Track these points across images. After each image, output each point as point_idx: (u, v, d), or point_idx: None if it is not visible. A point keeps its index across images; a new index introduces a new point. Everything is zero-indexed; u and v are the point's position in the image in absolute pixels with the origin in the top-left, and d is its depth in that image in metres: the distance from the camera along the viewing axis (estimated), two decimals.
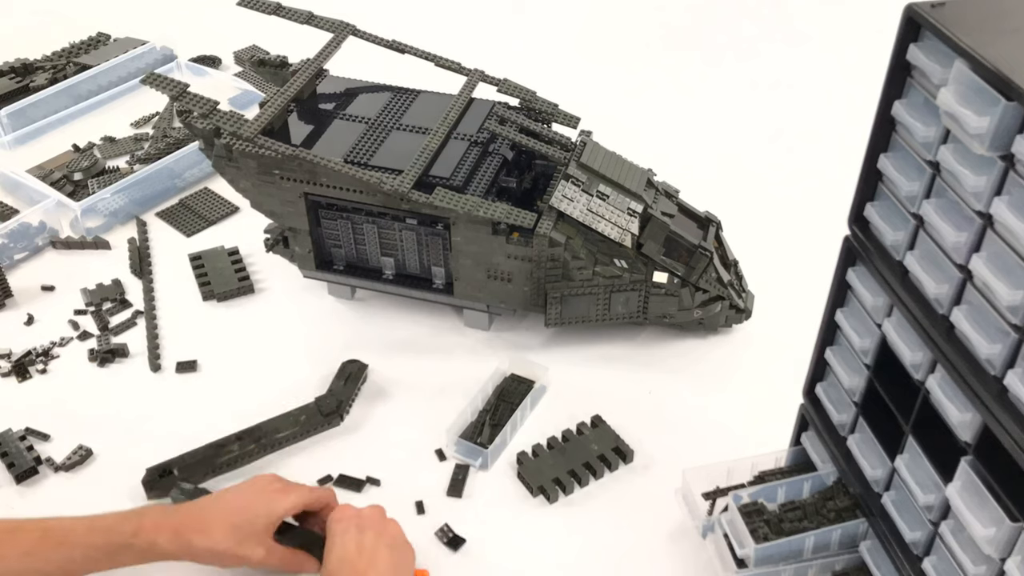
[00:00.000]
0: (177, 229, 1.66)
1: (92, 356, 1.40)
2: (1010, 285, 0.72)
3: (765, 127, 1.88)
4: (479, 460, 1.23)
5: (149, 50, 2.05)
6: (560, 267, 1.31)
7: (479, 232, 1.30)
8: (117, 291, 1.52)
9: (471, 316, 1.44)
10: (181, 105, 1.32)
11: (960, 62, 0.73)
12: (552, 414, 1.31)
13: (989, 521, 0.77)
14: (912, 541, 0.90)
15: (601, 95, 1.94)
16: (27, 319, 1.47)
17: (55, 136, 1.86)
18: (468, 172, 1.34)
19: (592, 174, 1.34)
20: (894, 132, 0.86)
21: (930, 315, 0.82)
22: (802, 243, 1.50)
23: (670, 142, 1.80)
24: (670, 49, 2.17)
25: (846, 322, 0.97)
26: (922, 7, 0.77)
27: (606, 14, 2.30)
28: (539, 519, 1.18)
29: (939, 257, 0.81)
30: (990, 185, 0.73)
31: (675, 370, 1.38)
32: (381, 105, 1.45)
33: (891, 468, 0.92)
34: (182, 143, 1.76)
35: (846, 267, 0.96)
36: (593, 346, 1.41)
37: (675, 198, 1.40)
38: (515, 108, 1.46)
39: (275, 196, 1.37)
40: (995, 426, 0.75)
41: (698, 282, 1.34)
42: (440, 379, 1.36)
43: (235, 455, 1.23)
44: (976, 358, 0.77)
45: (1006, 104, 0.68)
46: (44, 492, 1.22)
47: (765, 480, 1.13)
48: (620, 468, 1.24)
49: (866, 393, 0.96)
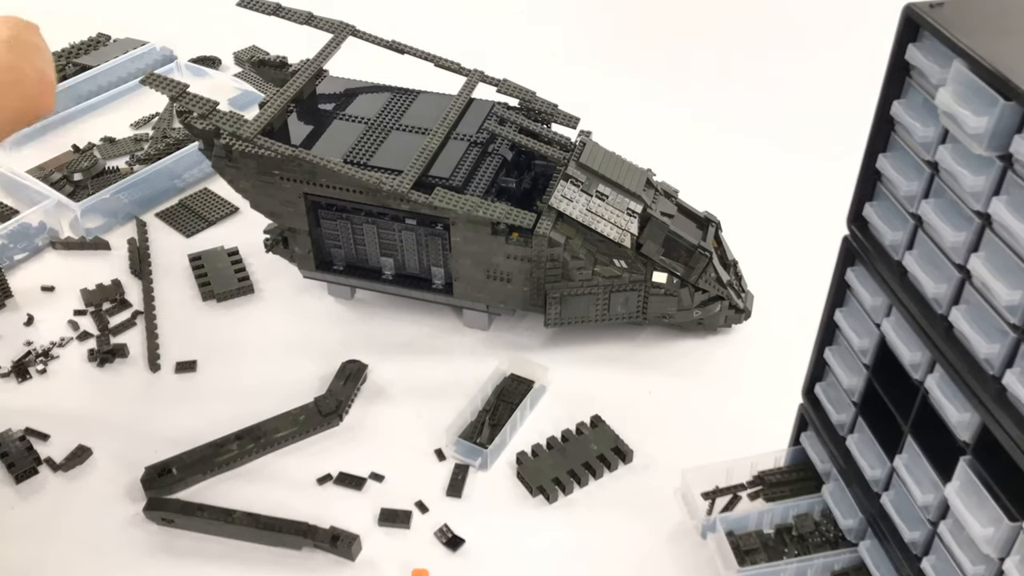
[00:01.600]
0: (177, 229, 1.66)
1: (92, 356, 1.40)
2: (1008, 285, 0.72)
3: (764, 127, 1.88)
4: (479, 460, 1.23)
5: (149, 51, 2.05)
6: (560, 267, 1.31)
7: (479, 232, 1.30)
8: (117, 292, 1.52)
9: (471, 316, 1.44)
10: (181, 106, 1.32)
11: (959, 62, 0.73)
12: (552, 414, 1.31)
13: (988, 521, 0.77)
14: (911, 541, 0.91)
15: (601, 95, 1.94)
16: (27, 319, 1.47)
17: (55, 136, 1.86)
18: (468, 172, 1.34)
19: (591, 174, 1.34)
20: (893, 132, 0.86)
21: (929, 315, 0.82)
22: (801, 243, 1.50)
23: (670, 142, 1.80)
24: (670, 49, 2.17)
25: (845, 322, 0.97)
26: (921, 7, 0.77)
27: (606, 14, 2.30)
28: (539, 519, 1.18)
29: (938, 257, 0.81)
30: (988, 185, 0.73)
31: (674, 370, 1.38)
32: (381, 105, 1.45)
33: (890, 468, 0.92)
34: (182, 143, 1.76)
35: (845, 267, 0.96)
36: (593, 346, 1.41)
37: (674, 198, 1.40)
38: (515, 108, 1.46)
39: (275, 196, 1.37)
40: (994, 426, 0.75)
41: (697, 282, 1.34)
42: (440, 379, 1.36)
43: (234, 454, 1.23)
44: (975, 358, 0.77)
45: (1004, 104, 0.68)
46: (44, 492, 1.22)
47: (765, 480, 1.13)
48: (620, 468, 1.24)
49: (865, 393, 0.96)
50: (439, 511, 1.19)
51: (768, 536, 1.08)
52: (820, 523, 1.07)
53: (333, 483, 1.22)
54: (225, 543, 1.15)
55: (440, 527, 1.16)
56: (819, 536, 1.06)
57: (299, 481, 1.23)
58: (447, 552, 1.14)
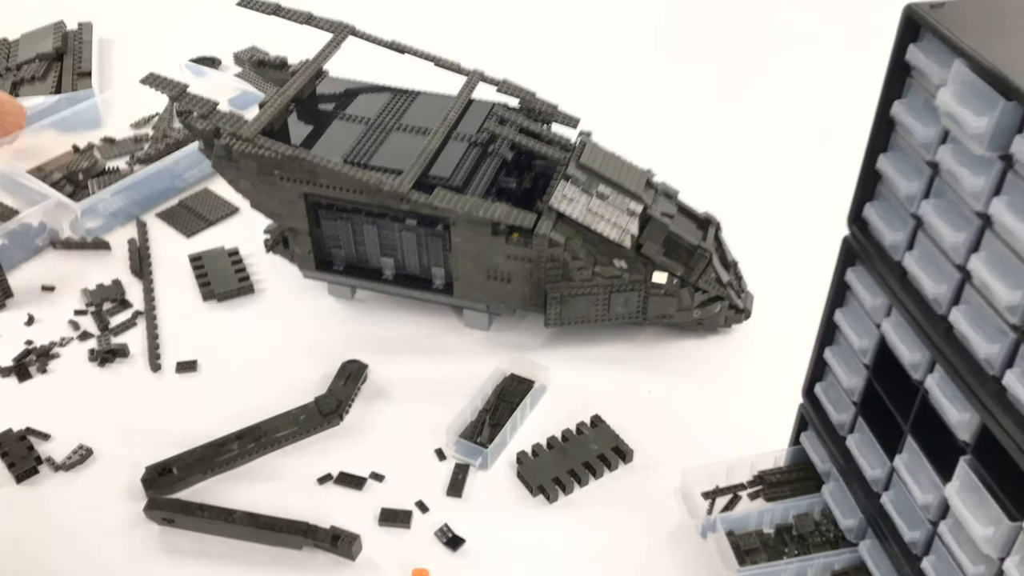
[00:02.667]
0: (177, 230, 1.66)
1: (92, 356, 1.41)
2: (1009, 285, 0.72)
3: (765, 127, 1.88)
4: (479, 460, 1.23)
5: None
6: (560, 267, 1.31)
7: (479, 232, 1.30)
8: (117, 291, 1.52)
9: (471, 316, 1.44)
10: (181, 106, 1.32)
11: (959, 62, 0.73)
12: (552, 414, 1.31)
13: (988, 521, 0.77)
14: (911, 541, 0.91)
15: (601, 96, 1.93)
16: (27, 319, 1.47)
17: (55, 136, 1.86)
18: (468, 173, 1.34)
19: (592, 174, 1.34)
20: (893, 132, 0.86)
21: (929, 315, 0.83)
22: (801, 243, 1.50)
23: (670, 142, 1.80)
24: (670, 49, 2.17)
25: (845, 322, 0.97)
26: (921, 7, 0.77)
27: (606, 14, 2.30)
28: (539, 519, 1.18)
29: (938, 257, 0.81)
30: (989, 185, 0.73)
31: (675, 370, 1.38)
32: (381, 106, 1.45)
33: (890, 468, 0.92)
34: (182, 144, 1.76)
35: (845, 267, 0.96)
36: (593, 346, 1.41)
37: (675, 198, 1.40)
38: (515, 109, 1.46)
39: (275, 196, 1.37)
40: (994, 426, 0.75)
41: (697, 282, 1.34)
42: (440, 379, 1.37)
43: (234, 454, 1.23)
44: (975, 358, 0.77)
45: (1005, 104, 0.68)
46: (44, 492, 1.22)
47: (765, 480, 1.13)
48: (620, 468, 1.24)
49: (865, 393, 0.97)
50: (439, 511, 1.19)
51: (768, 536, 1.08)
52: (820, 523, 1.07)
53: (333, 483, 1.22)
54: (225, 543, 1.15)
55: (440, 527, 1.16)
56: (819, 536, 1.06)
57: (299, 481, 1.23)
58: (447, 552, 1.14)
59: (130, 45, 2.19)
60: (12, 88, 1.98)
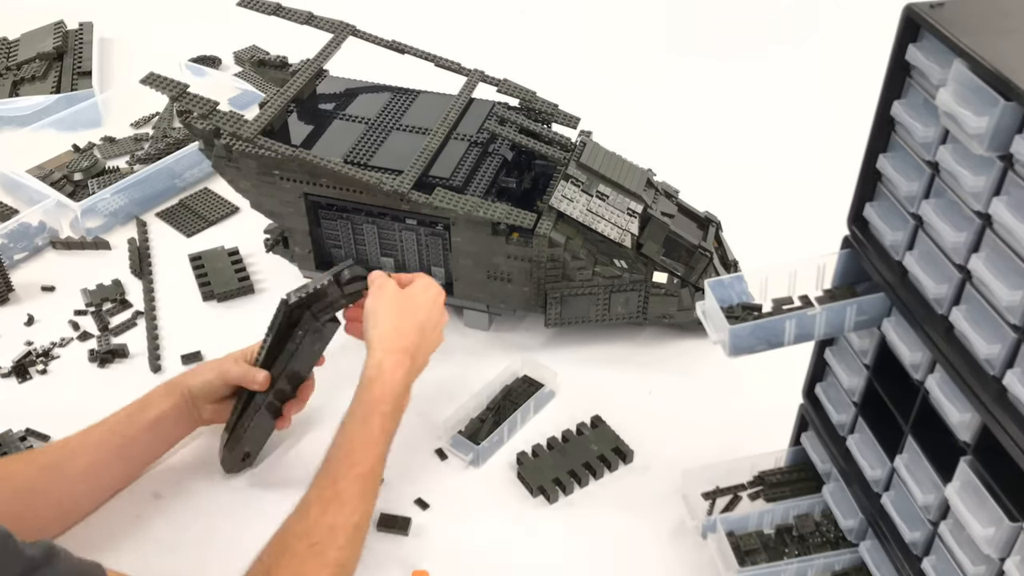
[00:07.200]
0: (177, 229, 1.66)
1: (92, 356, 1.40)
2: (1009, 285, 0.72)
3: (765, 127, 1.88)
4: (471, 455, 1.23)
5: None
6: (560, 267, 1.31)
7: (479, 232, 1.30)
8: (117, 291, 1.52)
9: (471, 316, 1.44)
10: (181, 105, 1.32)
11: (959, 62, 0.73)
12: (552, 414, 1.31)
13: (988, 521, 0.77)
14: (911, 541, 0.91)
15: (601, 95, 1.93)
16: (27, 319, 1.47)
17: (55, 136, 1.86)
18: (468, 172, 1.34)
19: (592, 174, 1.34)
20: (893, 132, 0.86)
21: (929, 315, 0.82)
22: (802, 243, 1.49)
23: (670, 142, 1.80)
24: (670, 49, 2.17)
25: None
26: (921, 7, 0.77)
27: (606, 14, 2.30)
28: (539, 519, 1.18)
29: (938, 257, 0.81)
30: (989, 185, 0.73)
31: (675, 370, 1.38)
32: (381, 105, 1.45)
33: (890, 468, 0.92)
34: (182, 143, 1.76)
35: None
36: (593, 346, 1.41)
37: (675, 198, 1.40)
38: (515, 108, 1.46)
39: (275, 196, 1.37)
40: (994, 426, 0.75)
41: (698, 282, 1.34)
42: (440, 379, 1.36)
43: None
44: (975, 358, 0.77)
45: (1005, 104, 0.68)
46: None
47: (765, 480, 1.13)
48: (620, 468, 1.24)
49: (865, 393, 0.96)
50: (440, 511, 1.19)
51: (768, 536, 1.08)
52: (820, 523, 1.07)
53: None
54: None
55: (440, 527, 1.15)
56: (819, 536, 1.06)
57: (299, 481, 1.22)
58: (447, 552, 1.14)
59: (130, 45, 2.20)
60: (12, 88, 1.99)
